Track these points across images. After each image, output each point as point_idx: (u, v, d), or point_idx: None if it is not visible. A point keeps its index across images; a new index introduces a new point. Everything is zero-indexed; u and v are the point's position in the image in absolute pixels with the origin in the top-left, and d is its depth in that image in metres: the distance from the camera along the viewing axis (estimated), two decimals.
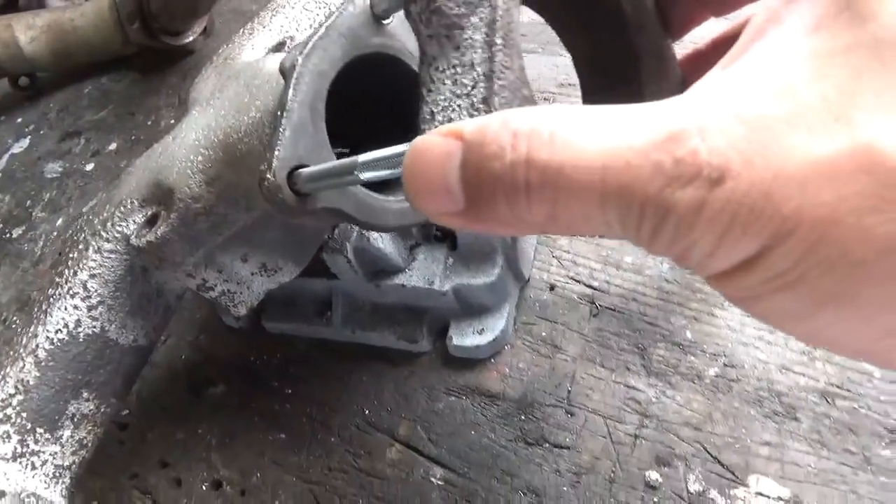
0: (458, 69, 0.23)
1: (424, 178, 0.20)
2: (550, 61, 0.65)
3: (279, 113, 0.33)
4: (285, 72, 0.34)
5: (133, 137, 0.85)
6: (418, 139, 0.20)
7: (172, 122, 0.85)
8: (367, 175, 0.29)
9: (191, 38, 0.89)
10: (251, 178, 0.39)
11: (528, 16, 0.30)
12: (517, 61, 0.23)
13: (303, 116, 0.33)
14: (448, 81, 0.23)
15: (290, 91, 0.33)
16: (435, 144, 0.19)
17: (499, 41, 0.23)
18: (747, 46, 0.18)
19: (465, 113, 0.22)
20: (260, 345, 0.58)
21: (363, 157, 0.29)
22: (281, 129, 0.32)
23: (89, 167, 0.84)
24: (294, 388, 0.55)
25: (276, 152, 0.32)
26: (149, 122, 0.86)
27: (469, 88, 0.22)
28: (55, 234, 0.77)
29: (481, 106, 0.22)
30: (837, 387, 0.41)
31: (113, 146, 0.85)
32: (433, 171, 0.19)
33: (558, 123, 0.17)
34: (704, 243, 0.16)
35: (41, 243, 0.77)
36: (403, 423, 0.50)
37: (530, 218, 0.19)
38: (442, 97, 0.23)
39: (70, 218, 0.78)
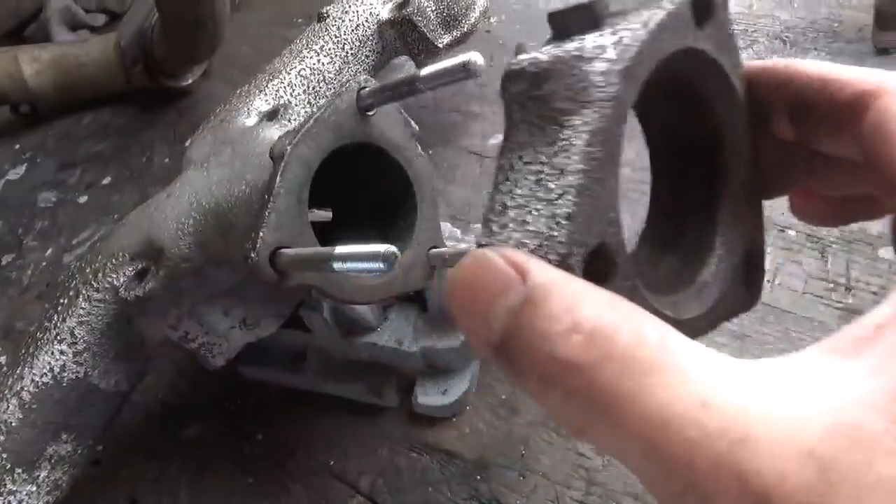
0: (546, 168, 0.20)
1: (470, 298, 0.18)
2: None
3: (266, 196, 0.37)
4: (275, 158, 0.38)
5: (127, 173, 0.88)
6: (482, 252, 0.18)
7: (166, 160, 0.89)
8: (340, 266, 0.32)
9: (189, 81, 0.93)
10: (238, 247, 0.43)
11: None
12: (613, 180, 0.20)
13: (288, 202, 0.36)
14: (531, 177, 0.21)
15: (278, 178, 0.36)
16: (495, 269, 0.17)
17: (600, 154, 0.20)
18: (872, 339, 0.15)
19: (542, 222, 0.20)
20: (235, 388, 0.60)
21: (339, 250, 0.32)
22: (267, 213, 0.36)
23: (82, 199, 0.87)
24: (265, 433, 0.57)
25: (261, 234, 0.36)
26: (143, 159, 0.89)
27: (554, 196, 0.20)
28: (44, 264, 0.80)
29: (564, 223, 0.19)
30: None
31: (107, 180, 0.88)
32: (481, 297, 0.17)
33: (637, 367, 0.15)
34: None
35: (29, 272, 0.79)
36: (366, 475, 0.52)
37: (558, 412, 0.16)
38: (520, 192, 0.21)
39: (60, 249, 0.80)
